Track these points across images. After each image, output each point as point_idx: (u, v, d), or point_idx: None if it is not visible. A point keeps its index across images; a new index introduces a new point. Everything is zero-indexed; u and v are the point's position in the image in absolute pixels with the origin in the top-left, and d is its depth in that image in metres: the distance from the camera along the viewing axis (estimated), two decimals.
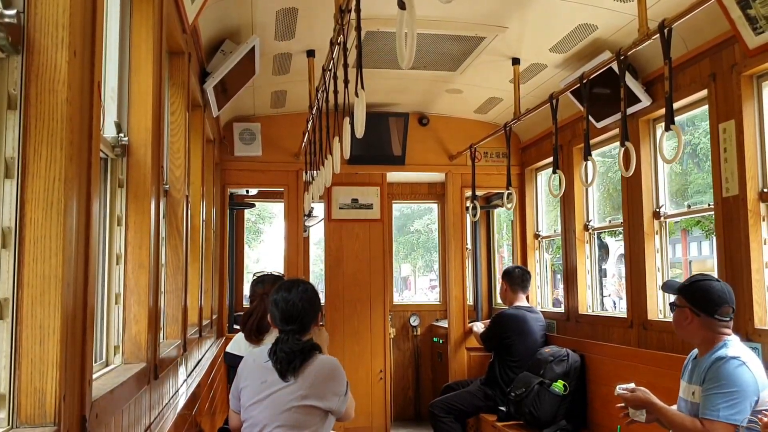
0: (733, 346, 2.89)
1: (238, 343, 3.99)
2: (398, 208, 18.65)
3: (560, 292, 6.35)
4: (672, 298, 3.40)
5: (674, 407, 3.11)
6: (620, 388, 3.09)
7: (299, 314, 3.01)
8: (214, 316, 5.69)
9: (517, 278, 5.75)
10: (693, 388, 2.97)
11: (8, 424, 1.26)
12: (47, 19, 1.33)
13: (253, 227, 20.98)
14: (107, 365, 2.20)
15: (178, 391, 3.17)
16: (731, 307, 2.95)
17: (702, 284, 3.00)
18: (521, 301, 5.74)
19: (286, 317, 3.00)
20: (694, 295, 2.98)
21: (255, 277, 4.12)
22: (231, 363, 3.71)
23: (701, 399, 2.86)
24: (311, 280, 8.23)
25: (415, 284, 25.42)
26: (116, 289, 2.30)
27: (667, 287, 3.31)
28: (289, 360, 2.94)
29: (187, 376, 3.61)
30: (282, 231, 6.43)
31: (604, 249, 16.85)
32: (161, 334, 3.08)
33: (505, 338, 5.52)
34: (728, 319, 2.94)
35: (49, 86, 1.33)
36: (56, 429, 1.26)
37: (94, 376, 1.82)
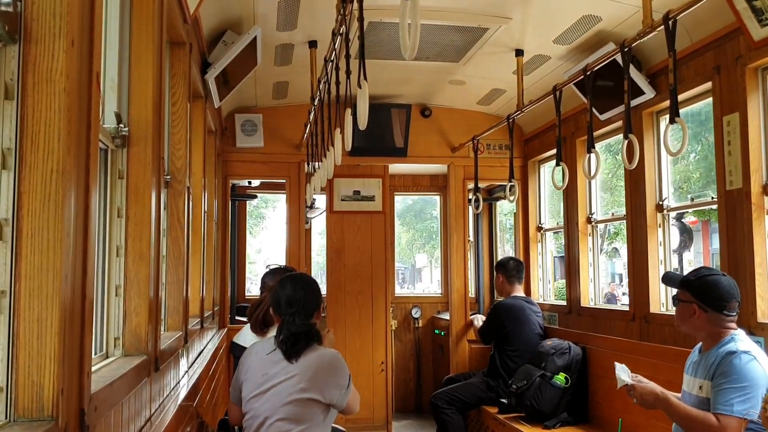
0: (742, 340, 2.87)
1: (245, 335, 4.00)
2: None
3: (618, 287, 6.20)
4: (673, 290, 3.37)
5: (679, 395, 3.10)
6: (621, 373, 3.06)
7: (302, 298, 3.05)
8: (216, 308, 5.69)
9: (512, 269, 5.76)
10: (700, 383, 2.94)
11: (6, 418, 1.25)
12: (44, 8, 1.31)
13: (255, 212, 20.75)
14: (107, 357, 2.20)
15: (179, 382, 3.17)
16: (738, 301, 2.93)
17: (710, 279, 2.96)
18: (518, 293, 5.75)
19: (290, 300, 3.03)
20: (701, 290, 2.95)
21: (267, 270, 4.16)
22: (238, 354, 3.71)
23: (712, 394, 2.83)
24: (314, 271, 8.26)
25: (432, 275, 24.24)
26: (116, 281, 2.29)
27: (669, 280, 3.27)
28: (294, 341, 2.96)
29: (189, 368, 3.61)
30: (285, 217, 6.43)
31: (686, 234, 14.55)
32: (162, 326, 3.08)
33: (502, 328, 5.53)
34: (735, 314, 2.92)
35: (46, 76, 1.31)
36: (54, 423, 1.25)
37: (94, 369, 1.81)
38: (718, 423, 2.76)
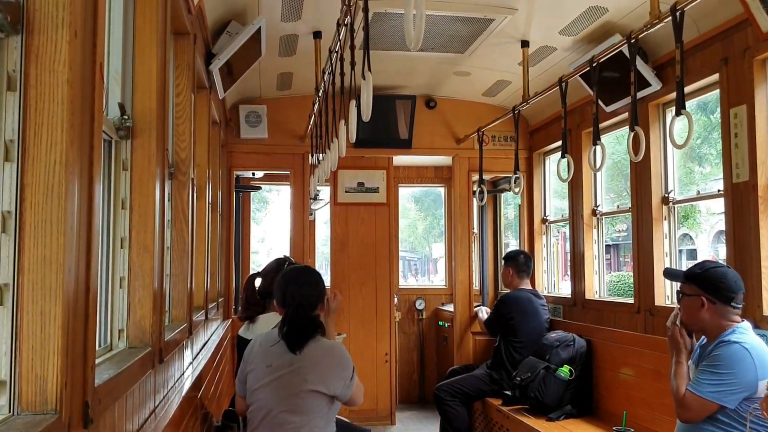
0: (742, 332, 2.87)
1: (250, 327, 4.00)
2: None
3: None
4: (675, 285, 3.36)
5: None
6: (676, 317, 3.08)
7: (306, 290, 3.06)
8: (220, 299, 5.69)
9: (522, 264, 5.75)
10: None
11: (9, 411, 1.25)
12: None
13: (258, 195, 20.44)
14: (111, 349, 2.19)
15: (183, 374, 3.17)
16: (743, 293, 2.93)
17: (718, 271, 2.95)
18: (525, 285, 5.74)
19: (294, 292, 3.04)
20: (709, 282, 2.93)
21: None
22: (242, 347, 3.72)
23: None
24: (319, 261, 8.25)
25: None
26: (120, 272, 2.28)
27: (671, 275, 3.26)
28: (298, 332, 2.96)
29: (193, 359, 3.61)
30: (289, 202, 6.43)
31: None
32: (167, 318, 3.08)
33: (509, 319, 5.52)
34: (741, 306, 2.92)
35: (49, 67, 1.30)
36: (58, 416, 1.24)
37: (98, 361, 1.81)
38: (681, 395, 2.86)
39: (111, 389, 1.68)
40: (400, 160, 7.18)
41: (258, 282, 4.04)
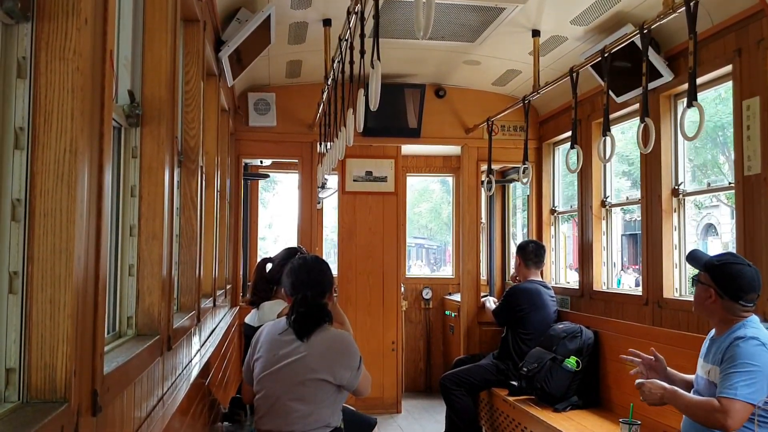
0: (753, 326, 2.85)
1: (256, 315, 4.02)
2: None
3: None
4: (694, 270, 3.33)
5: (692, 376, 3.10)
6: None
7: (314, 278, 3.07)
8: (228, 286, 5.71)
9: (531, 253, 5.72)
10: (709, 368, 2.94)
11: (18, 399, 1.25)
12: None
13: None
14: (120, 337, 2.20)
15: (191, 361, 3.18)
16: (758, 294, 2.90)
17: (734, 268, 2.92)
18: (535, 276, 5.72)
19: (303, 280, 3.05)
20: (722, 277, 2.91)
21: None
22: (250, 334, 3.73)
23: (719, 378, 2.83)
24: (326, 248, 8.26)
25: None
26: (129, 260, 2.28)
27: (693, 259, 3.21)
28: (306, 320, 2.97)
29: (201, 346, 3.62)
30: (297, 183, 6.44)
31: None
32: (175, 305, 3.08)
33: (518, 311, 5.51)
34: (752, 305, 2.90)
35: (59, 55, 1.29)
36: (67, 404, 1.25)
37: (107, 349, 1.81)
38: (719, 405, 2.74)
39: (120, 377, 1.68)
40: (409, 149, 7.16)
41: (269, 267, 4.06)
